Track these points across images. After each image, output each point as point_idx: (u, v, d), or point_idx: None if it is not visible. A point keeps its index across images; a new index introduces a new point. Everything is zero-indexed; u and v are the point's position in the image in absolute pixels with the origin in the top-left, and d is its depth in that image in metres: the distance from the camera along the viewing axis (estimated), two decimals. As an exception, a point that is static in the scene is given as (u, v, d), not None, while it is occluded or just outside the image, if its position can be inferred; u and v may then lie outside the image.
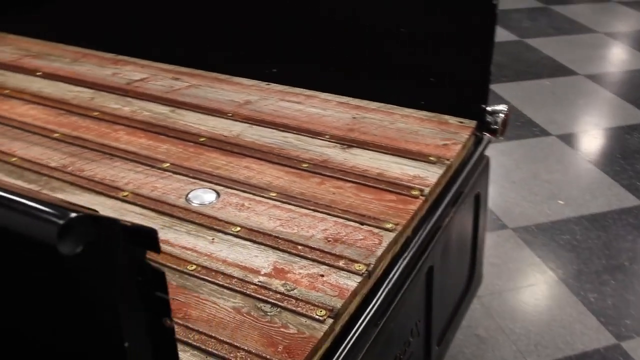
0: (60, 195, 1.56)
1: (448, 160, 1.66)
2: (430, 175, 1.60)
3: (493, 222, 2.67)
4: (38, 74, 2.20)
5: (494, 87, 3.71)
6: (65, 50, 2.38)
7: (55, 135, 1.82)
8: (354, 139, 1.76)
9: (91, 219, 0.58)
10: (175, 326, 1.17)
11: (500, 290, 2.33)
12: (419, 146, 1.72)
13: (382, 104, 1.93)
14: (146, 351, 0.71)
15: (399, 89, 1.92)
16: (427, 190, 1.54)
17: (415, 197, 1.52)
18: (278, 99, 1.99)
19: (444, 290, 1.71)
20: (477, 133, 1.82)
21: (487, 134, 1.86)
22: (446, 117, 1.85)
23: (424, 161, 1.65)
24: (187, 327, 1.17)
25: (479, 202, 1.87)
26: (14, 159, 1.71)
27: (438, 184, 1.60)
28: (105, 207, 1.51)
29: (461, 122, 1.82)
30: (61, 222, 0.54)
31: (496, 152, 3.12)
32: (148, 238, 0.65)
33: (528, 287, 2.36)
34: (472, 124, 1.81)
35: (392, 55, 1.89)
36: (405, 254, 1.43)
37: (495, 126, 1.84)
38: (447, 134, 1.77)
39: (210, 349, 1.13)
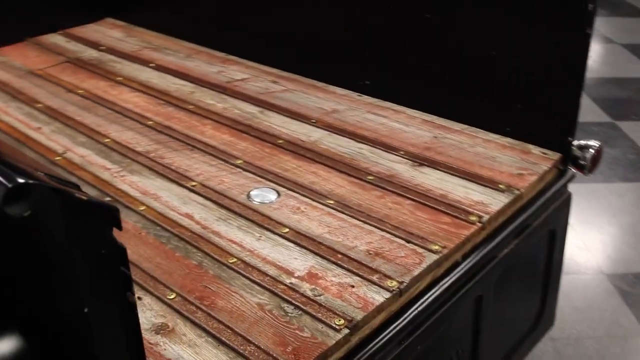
0: (135, 178, 1.66)
1: (518, 190, 1.60)
2: (494, 202, 1.55)
3: (587, 264, 2.53)
4: (151, 65, 2.36)
5: (622, 125, 3.50)
6: (182, 45, 2.53)
7: (149, 122, 1.95)
8: (427, 158, 1.74)
9: (43, 187, 0.63)
10: (199, 312, 1.22)
11: (578, 337, 2.20)
12: (492, 172, 1.67)
13: (466, 126, 1.90)
14: (109, 320, 0.75)
15: (485, 113, 1.88)
16: (485, 217, 1.50)
17: (472, 222, 1.48)
18: (365, 110, 2.01)
19: (499, 324, 1.65)
20: (560, 166, 1.74)
21: (573, 169, 1.77)
22: (530, 146, 1.79)
23: (493, 188, 1.61)
24: (209, 314, 1.22)
25: (554, 238, 1.78)
26: (107, 140, 1.85)
27: (501, 213, 1.55)
28: (172, 194, 1.60)
29: (544, 153, 1.75)
30: (10, 185, 0.60)
31: (608, 191, 2.95)
32: (109, 214, 0.69)
33: (610, 338, 2.21)
34: (556, 156, 1.74)
35: (482, 78, 1.86)
36: (449, 278, 1.40)
37: (582, 162, 1.76)
38: (525, 164, 1.71)
39: (223, 339, 1.17)
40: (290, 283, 1.30)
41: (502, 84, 1.83)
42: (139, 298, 1.27)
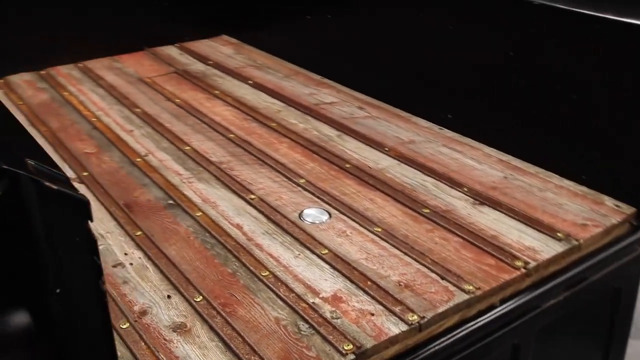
0: (201, 186, 1.76)
1: (577, 240, 1.53)
2: (546, 250, 1.50)
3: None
4: (250, 82, 2.47)
5: None
6: (284, 66, 2.63)
7: (230, 135, 2.04)
8: (490, 197, 1.70)
9: (12, 173, 0.71)
10: (218, 317, 1.28)
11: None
12: (554, 219, 1.61)
13: (541, 170, 1.84)
14: (80, 305, 0.82)
15: (562, 157, 1.81)
16: (532, 264, 1.45)
17: (516, 267, 1.44)
18: (442, 144, 1.99)
19: (543, 377, 1.58)
20: (633, 222, 1.65)
21: (649, 227, 1.67)
22: (604, 197, 1.70)
23: (550, 235, 1.55)
24: (226, 321, 1.27)
25: (619, 297, 1.68)
26: (187, 147, 1.96)
27: (552, 262, 1.49)
28: (230, 204, 1.67)
29: (617, 206, 1.66)
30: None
31: None
32: (80, 205, 0.76)
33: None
34: (630, 210, 1.65)
35: (561, 121, 1.80)
36: (480, 320, 1.36)
37: (661, 220, 1.65)
38: (594, 214, 1.63)
39: (232, 346, 1.21)
40: (313, 302, 1.32)
41: (582, 130, 1.76)
42: (169, 296, 1.34)
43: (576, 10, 1.69)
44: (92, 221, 0.78)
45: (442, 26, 2.06)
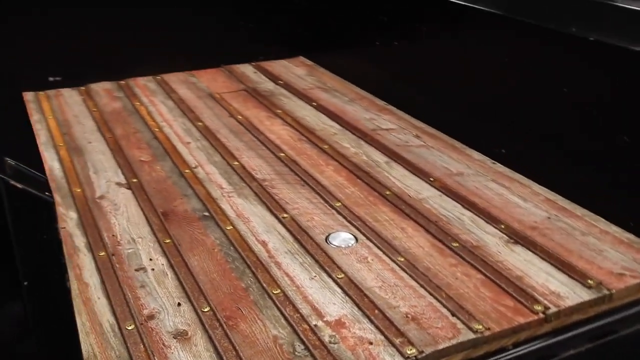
0: (238, 201, 1.80)
1: (609, 290, 1.46)
2: (571, 297, 1.43)
3: None
4: (314, 104, 2.51)
5: None
6: (351, 89, 2.66)
7: (281, 154, 2.08)
8: (526, 237, 1.65)
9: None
10: (219, 329, 1.31)
11: None
12: (589, 266, 1.54)
13: (589, 213, 1.76)
14: (45, 299, 0.87)
15: (612, 202, 1.73)
16: (553, 310, 1.39)
17: (534, 312, 1.38)
18: (491, 178, 1.95)
19: None
20: (679, 277, 1.55)
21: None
22: (650, 247, 1.61)
23: (579, 282, 1.48)
24: (226, 334, 1.29)
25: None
26: (236, 163, 2.02)
27: (576, 310, 1.42)
28: (261, 221, 1.71)
29: (663, 259, 1.57)
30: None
31: None
32: (44, 206, 0.81)
33: None
34: (677, 264, 1.55)
35: (612, 163, 1.72)
36: (486, 362, 1.32)
37: None
38: (635, 265, 1.55)
39: (224, 358, 1.23)
40: (315, 325, 1.33)
41: (633, 174, 1.68)
42: (179, 304, 1.39)
43: (631, 48, 1.62)
44: (55, 222, 0.83)
45: (500, 60, 2.02)
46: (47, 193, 0.83)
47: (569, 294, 1.44)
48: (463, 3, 2.15)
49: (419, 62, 2.43)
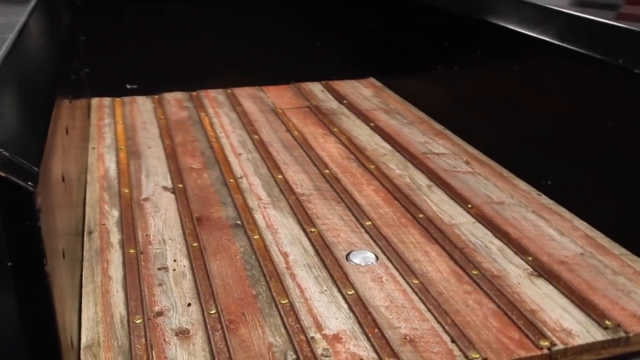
0: (272, 212, 1.86)
1: (627, 333, 1.40)
2: (583, 336, 1.39)
3: None
4: (371, 124, 2.54)
5: None
6: (412, 112, 2.67)
7: (325, 171, 2.13)
8: (552, 272, 1.61)
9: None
10: (219, 332, 1.36)
11: None
12: (611, 306, 1.48)
13: (628, 253, 1.69)
14: (26, 280, 0.95)
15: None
16: (559, 347, 1.36)
17: (539, 347, 1.36)
18: (532, 210, 1.91)
19: None
20: None
21: None
22: (684, 294, 1.53)
23: (596, 321, 1.43)
24: (224, 336, 1.35)
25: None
26: (280, 176, 2.08)
27: (586, 350, 1.38)
28: (289, 233, 1.75)
29: (695, 307, 1.49)
30: None
31: None
32: (24, 195, 0.89)
33: None
34: None
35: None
36: (480, 394, 1.31)
37: None
38: (663, 310, 1.48)
39: (216, 357, 1.28)
40: (312, 337, 1.36)
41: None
42: (189, 304, 1.45)
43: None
44: (33, 213, 0.91)
45: (556, 90, 1.98)
46: (29, 183, 0.91)
47: (581, 332, 1.40)
48: (521, 31, 2.12)
49: (477, 87, 2.41)
